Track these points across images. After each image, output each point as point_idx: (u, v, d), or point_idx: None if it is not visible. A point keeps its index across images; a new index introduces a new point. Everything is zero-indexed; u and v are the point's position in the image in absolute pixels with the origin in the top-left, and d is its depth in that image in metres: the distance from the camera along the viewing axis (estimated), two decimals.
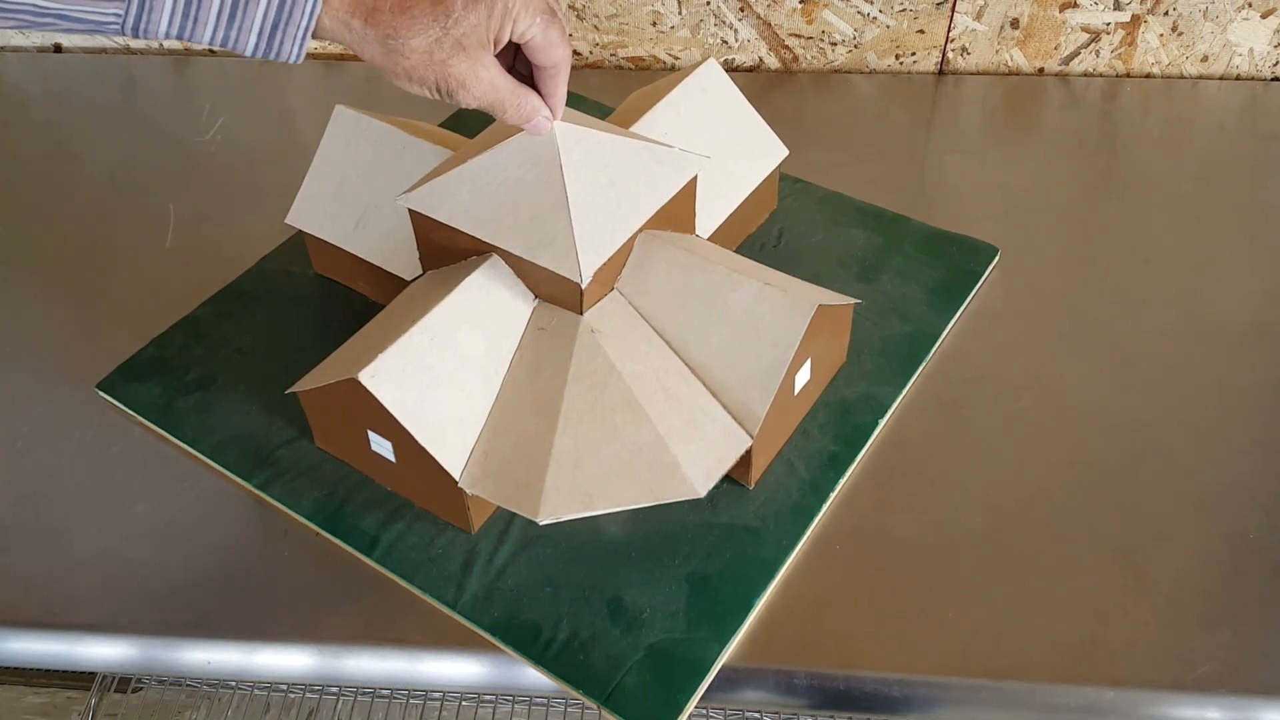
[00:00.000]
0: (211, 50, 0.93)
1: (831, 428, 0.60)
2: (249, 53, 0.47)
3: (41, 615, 0.55)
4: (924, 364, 0.64)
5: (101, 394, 0.64)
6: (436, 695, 1.08)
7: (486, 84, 0.50)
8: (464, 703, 1.10)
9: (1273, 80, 0.86)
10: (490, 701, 1.09)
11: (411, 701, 1.10)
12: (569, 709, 1.10)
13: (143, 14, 0.45)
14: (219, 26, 0.46)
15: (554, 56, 0.52)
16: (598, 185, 0.57)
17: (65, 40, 0.91)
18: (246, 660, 0.54)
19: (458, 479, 0.53)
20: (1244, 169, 0.78)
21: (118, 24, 0.45)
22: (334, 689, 1.10)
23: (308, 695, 1.11)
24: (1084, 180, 0.78)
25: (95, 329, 0.69)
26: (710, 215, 0.67)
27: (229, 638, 0.54)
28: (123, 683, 1.16)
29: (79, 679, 1.28)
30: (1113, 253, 0.72)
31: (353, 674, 0.54)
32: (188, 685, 1.12)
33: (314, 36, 0.48)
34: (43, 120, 0.86)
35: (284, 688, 1.10)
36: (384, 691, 1.10)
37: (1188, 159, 0.80)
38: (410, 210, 0.59)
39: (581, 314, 0.56)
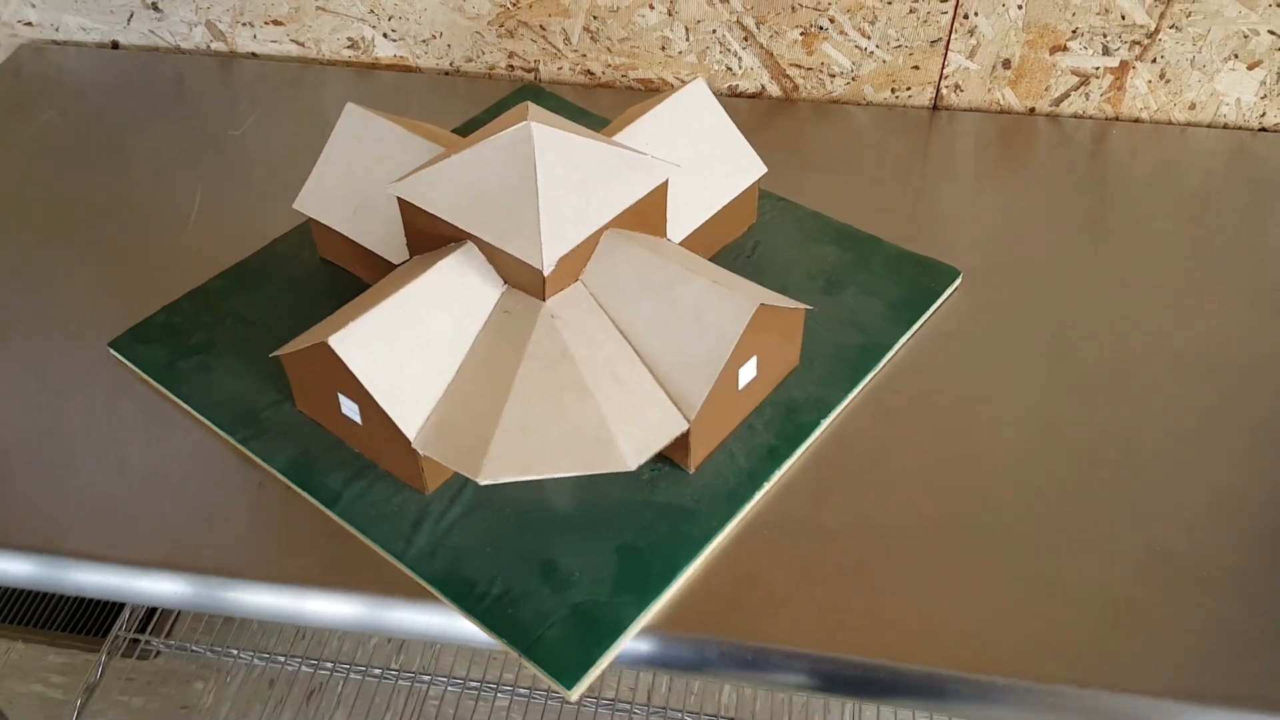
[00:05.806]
0: (253, 54, 1.00)
1: (775, 424, 0.64)
2: None
3: (38, 541, 0.61)
4: (874, 372, 0.68)
5: (113, 352, 0.70)
6: (424, 678, 1.13)
7: None
8: (450, 689, 1.14)
9: (1260, 130, 0.89)
10: (474, 690, 1.13)
11: (400, 683, 1.15)
12: (549, 702, 1.14)
13: None
14: None
15: None
16: (569, 184, 0.62)
17: (121, 38, 0.99)
18: (214, 595, 0.59)
19: (412, 440, 0.57)
20: (1228, 212, 0.80)
21: None
22: (328, 664, 1.15)
23: (303, 670, 1.17)
24: (1066, 215, 0.81)
25: (116, 295, 0.75)
26: (684, 222, 0.71)
27: (201, 572, 0.59)
28: (131, 645, 1.22)
29: (97, 643, 1.34)
30: (1076, 281, 0.75)
31: (311, 614, 0.58)
32: (192, 651, 1.18)
33: None
34: (95, 109, 0.94)
35: (281, 659, 1.16)
36: (375, 671, 1.15)
37: (1170, 200, 0.82)
38: (399, 198, 0.64)
39: (544, 300, 0.61)
